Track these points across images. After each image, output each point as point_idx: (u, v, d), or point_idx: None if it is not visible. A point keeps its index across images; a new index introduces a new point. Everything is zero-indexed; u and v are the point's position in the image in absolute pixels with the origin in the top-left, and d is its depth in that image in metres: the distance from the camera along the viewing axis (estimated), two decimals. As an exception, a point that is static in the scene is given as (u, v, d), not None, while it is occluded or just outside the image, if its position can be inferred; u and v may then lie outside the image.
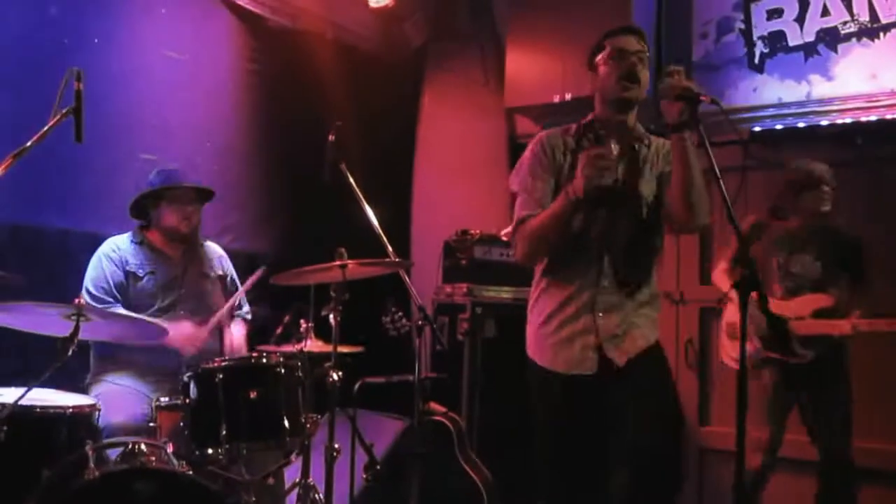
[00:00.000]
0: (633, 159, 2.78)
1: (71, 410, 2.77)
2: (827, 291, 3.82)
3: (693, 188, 2.62)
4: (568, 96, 5.00)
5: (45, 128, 2.76)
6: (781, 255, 3.94)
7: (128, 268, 3.56)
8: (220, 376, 2.99)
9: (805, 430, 3.96)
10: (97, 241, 3.69)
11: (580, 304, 2.72)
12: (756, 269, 2.37)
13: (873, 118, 4.58)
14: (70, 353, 2.70)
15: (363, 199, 3.69)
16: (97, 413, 2.87)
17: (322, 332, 3.51)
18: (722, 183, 2.40)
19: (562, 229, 2.68)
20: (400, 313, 3.97)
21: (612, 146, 2.73)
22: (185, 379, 3.03)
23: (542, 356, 2.81)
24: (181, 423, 3.00)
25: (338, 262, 3.27)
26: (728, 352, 4.10)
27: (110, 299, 3.49)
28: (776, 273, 3.94)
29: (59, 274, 3.83)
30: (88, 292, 3.48)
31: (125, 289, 3.54)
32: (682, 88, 2.52)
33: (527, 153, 2.86)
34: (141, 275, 3.57)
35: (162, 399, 3.08)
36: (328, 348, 3.37)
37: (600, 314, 2.70)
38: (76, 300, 2.75)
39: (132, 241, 3.64)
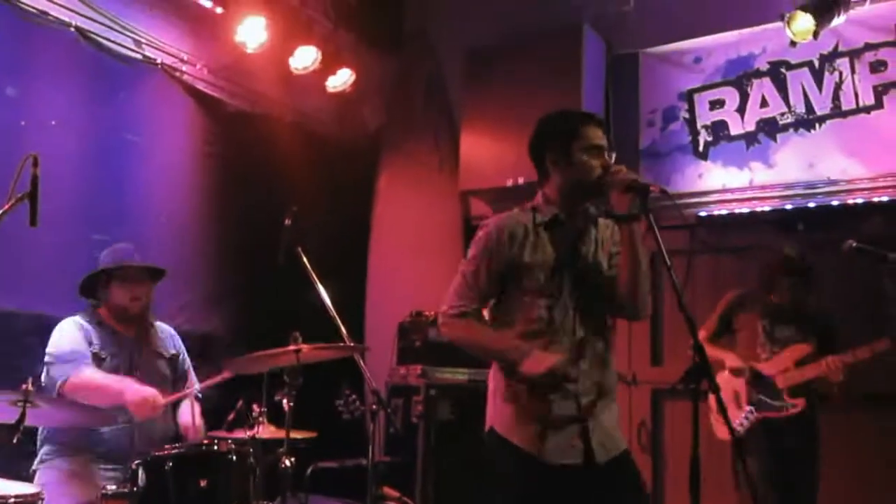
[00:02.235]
0: (590, 241, 2.83)
1: (13, 500, 2.69)
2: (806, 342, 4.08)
3: (640, 280, 2.70)
4: (521, 180, 5.13)
5: (0, 212, 2.75)
6: (767, 321, 4.17)
7: (92, 349, 3.49)
8: (170, 464, 2.94)
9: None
10: (45, 323, 3.64)
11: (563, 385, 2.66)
12: (707, 358, 2.44)
13: (812, 205, 4.77)
14: (15, 440, 2.64)
15: (318, 282, 3.70)
16: (41, 502, 2.78)
17: (275, 416, 3.47)
18: (673, 270, 2.49)
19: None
20: (354, 396, 3.95)
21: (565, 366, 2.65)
22: (135, 466, 2.96)
23: (520, 437, 2.66)
24: (129, 512, 2.92)
25: (292, 347, 3.26)
26: (721, 424, 4.05)
27: (77, 357, 3.39)
28: (762, 336, 4.16)
29: (4, 356, 3.75)
30: (55, 356, 3.40)
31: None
32: (630, 180, 2.62)
33: (480, 235, 2.83)
34: (104, 356, 3.50)
35: (109, 487, 3.01)
36: (281, 433, 3.33)
37: (583, 398, 2.66)
38: (23, 385, 2.70)
39: (88, 322, 3.59)
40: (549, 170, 2.81)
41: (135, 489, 2.93)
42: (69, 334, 3.48)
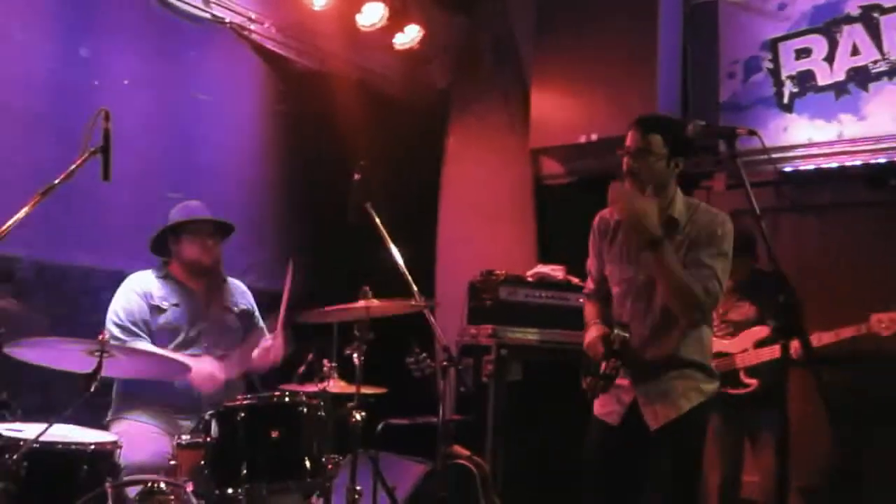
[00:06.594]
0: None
1: (93, 447, 2.75)
2: (764, 324, 4.04)
3: (674, 298, 2.87)
4: (594, 137, 4.98)
5: (73, 166, 2.78)
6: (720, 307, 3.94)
7: (152, 301, 3.58)
8: (242, 415, 2.95)
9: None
10: (122, 279, 3.70)
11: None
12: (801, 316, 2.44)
13: (907, 158, 4.52)
14: (92, 389, 2.68)
15: (388, 239, 3.66)
16: (119, 450, 2.83)
17: (345, 372, 3.46)
18: (763, 222, 2.57)
19: None
20: (424, 354, 3.91)
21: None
22: (207, 417, 2.99)
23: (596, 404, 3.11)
24: (202, 462, 2.95)
25: (362, 302, 3.24)
26: None
27: (136, 330, 3.50)
28: (715, 318, 3.95)
29: (82, 310, 3.86)
30: (114, 322, 3.49)
31: (148, 322, 3.55)
32: (714, 128, 2.65)
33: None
34: (165, 307, 3.59)
35: (183, 437, 3.05)
36: (351, 389, 3.32)
37: (639, 374, 2.96)
38: (100, 336, 2.74)
39: (156, 276, 3.66)
40: None
41: (208, 439, 2.96)
42: (124, 301, 3.55)
